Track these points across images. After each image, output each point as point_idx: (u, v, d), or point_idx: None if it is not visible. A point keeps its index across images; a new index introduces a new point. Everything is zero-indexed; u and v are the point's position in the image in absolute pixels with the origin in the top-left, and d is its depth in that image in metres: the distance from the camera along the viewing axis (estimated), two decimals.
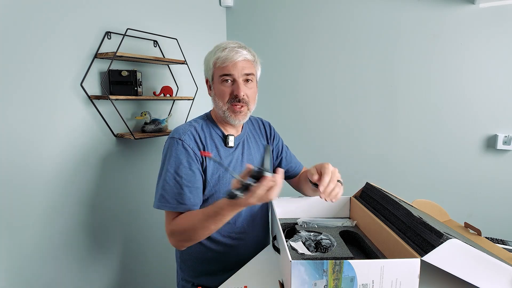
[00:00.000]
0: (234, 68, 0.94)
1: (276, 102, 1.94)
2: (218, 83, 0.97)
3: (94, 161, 1.32)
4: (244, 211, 1.02)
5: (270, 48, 1.92)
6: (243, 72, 0.95)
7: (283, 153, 1.20)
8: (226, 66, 0.94)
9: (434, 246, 0.68)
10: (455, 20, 1.46)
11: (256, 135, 1.15)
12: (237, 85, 0.95)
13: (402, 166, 1.65)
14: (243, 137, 1.08)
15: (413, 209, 0.90)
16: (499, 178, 1.45)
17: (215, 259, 1.03)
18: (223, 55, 0.93)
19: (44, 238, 1.18)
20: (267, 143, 1.17)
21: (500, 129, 1.43)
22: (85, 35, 1.24)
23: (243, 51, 0.95)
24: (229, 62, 0.93)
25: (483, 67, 1.43)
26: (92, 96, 1.27)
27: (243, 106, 0.97)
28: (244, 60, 0.95)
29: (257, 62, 1.02)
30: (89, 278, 1.34)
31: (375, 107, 1.68)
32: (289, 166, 1.21)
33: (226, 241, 1.02)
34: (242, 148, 1.06)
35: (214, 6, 1.93)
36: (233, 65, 0.94)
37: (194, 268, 1.06)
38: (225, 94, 0.96)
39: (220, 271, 1.03)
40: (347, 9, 1.69)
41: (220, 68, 0.95)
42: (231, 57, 0.93)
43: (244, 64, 0.95)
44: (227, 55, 0.93)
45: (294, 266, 0.65)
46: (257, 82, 1.05)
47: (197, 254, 1.04)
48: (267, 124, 1.20)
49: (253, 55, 1.00)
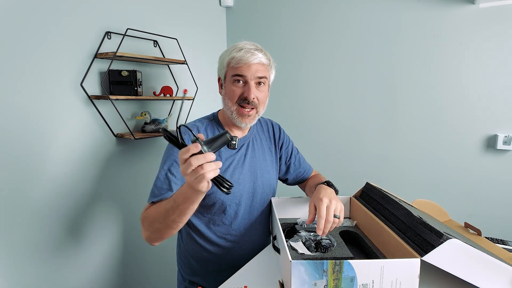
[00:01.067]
0: (248, 70, 0.94)
1: (275, 102, 1.94)
2: (230, 82, 0.96)
3: (94, 161, 1.32)
4: (241, 214, 1.02)
5: (270, 48, 1.89)
6: (256, 75, 0.95)
7: (291, 159, 1.18)
8: (240, 67, 0.94)
9: (434, 246, 0.68)
10: (455, 20, 1.46)
11: (264, 138, 1.13)
12: (249, 87, 0.95)
13: (402, 166, 1.65)
14: (248, 138, 1.07)
15: (413, 209, 0.90)
16: (499, 178, 1.45)
17: (209, 259, 1.03)
18: (238, 56, 0.93)
19: (44, 237, 1.18)
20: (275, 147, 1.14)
21: (500, 129, 1.43)
22: (85, 35, 1.24)
23: (259, 53, 0.95)
24: (243, 64, 0.93)
25: (483, 67, 1.43)
26: (92, 96, 1.27)
27: (252, 109, 0.97)
28: (259, 63, 0.95)
29: (271, 66, 1.02)
30: (89, 277, 1.34)
31: (375, 106, 1.68)
32: (298, 171, 1.19)
33: (221, 243, 1.02)
34: (246, 149, 1.05)
35: (214, 6, 1.93)
36: (247, 66, 0.93)
37: (190, 266, 1.07)
38: (235, 94, 0.96)
39: (215, 272, 1.04)
40: (347, 9, 1.69)
41: (234, 68, 0.95)
42: (246, 59, 0.93)
43: (258, 67, 0.95)
44: (243, 56, 0.93)
45: (294, 266, 0.65)
46: (269, 86, 1.04)
47: (192, 252, 1.05)
48: (276, 126, 1.18)
49: (269, 59, 1.00)
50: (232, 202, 0.99)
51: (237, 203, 1.00)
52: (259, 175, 1.05)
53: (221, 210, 0.99)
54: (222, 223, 1.01)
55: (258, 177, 1.05)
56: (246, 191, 1.02)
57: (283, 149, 1.16)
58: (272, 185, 1.11)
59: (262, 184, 1.06)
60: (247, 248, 1.05)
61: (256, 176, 1.05)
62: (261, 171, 1.07)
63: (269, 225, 1.13)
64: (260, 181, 1.05)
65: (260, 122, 1.16)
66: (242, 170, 1.02)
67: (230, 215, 1.00)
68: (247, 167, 1.03)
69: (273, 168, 1.12)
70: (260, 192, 1.05)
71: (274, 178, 1.13)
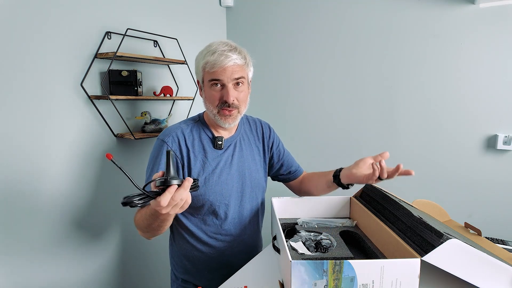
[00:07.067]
0: (223, 73, 0.91)
1: (275, 102, 1.94)
2: (208, 87, 0.95)
3: (94, 161, 1.32)
4: (231, 214, 1.02)
5: (270, 48, 1.92)
6: (233, 77, 0.92)
7: (284, 157, 1.18)
8: (215, 71, 0.91)
9: (434, 246, 0.68)
10: (455, 20, 1.46)
11: (252, 137, 1.12)
12: (227, 91, 0.93)
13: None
14: (236, 138, 1.06)
15: (413, 209, 0.90)
16: (499, 178, 1.45)
17: (201, 258, 1.03)
18: (212, 60, 0.90)
19: (43, 237, 1.18)
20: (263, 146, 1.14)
21: (500, 129, 1.43)
22: (85, 35, 1.24)
23: (233, 55, 0.91)
24: (218, 67, 0.90)
25: (483, 67, 1.43)
26: (92, 96, 1.27)
27: (233, 110, 0.96)
28: (234, 65, 0.92)
29: (248, 64, 0.98)
30: (89, 277, 1.34)
31: (375, 106, 1.68)
32: (290, 169, 1.19)
33: (211, 242, 1.02)
34: (233, 149, 1.04)
35: (214, 6, 1.93)
36: (222, 70, 0.91)
37: (182, 265, 1.07)
38: (214, 98, 0.94)
39: (207, 271, 1.04)
40: (347, 9, 1.69)
41: (209, 73, 0.93)
42: (220, 62, 0.90)
43: (234, 68, 0.92)
44: (216, 59, 0.90)
45: (294, 266, 0.65)
46: (250, 83, 1.03)
47: (183, 251, 1.05)
48: (266, 126, 1.17)
49: (244, 57, 0.96)
50: (221, 202, 0.99)
51: (226, 203, 1.00)
52: (247, 175, 1.05)
53: (210, 211, 1.00)
54: (212, 223, 1.01)
55: (246, 177, 1.05)
56: (235, 191, 1.02)
57: (274, 147, 1.15)
58: (261, 184, 1.11)
59: (251, 183, 1.06)
60: (238, 247, 1.05)
61: (244, 176, 1.04)
62: (250, 171, 1.06)
63: (259, 223, 1.14)
64: (249, 181, 1.05)
65: (248, 121, 1.15)
66: (230, 171, 1.01)
67: (220, 215, 1.00)
68: (235, 167, 1.03)
69: (261, 168, 1.12)
70: (249, 191, 1.06)
71: (262, 177, 1.12)
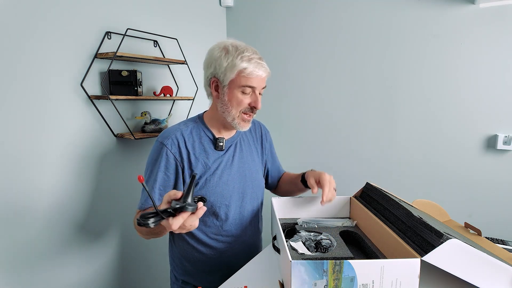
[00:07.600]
0: (259, 82, 0.96)
1: (275, 102, 1.94)
2: (237, 90, 0.96)
3: (94, 161, 1.32)
4: (232, 215, 1.02)
5: (270, 48, 1.92)
6: (262, 86, 0.98)
7: (271, 161, 1.21)
8: (252, 78, 0.94)
9: (434, 246, 0.68)
10: (455, 20, 1.46)
11: (251, 137, 1.13)
12: (257, 98, 0.97)
13: (402, 166, 1.65)
14: (236, 139, 1.07)
15: (413, 209, 0.90)
16: (499, 178, 1.45)
17: (201, 260, 1.03)
18: (250, 67, 0.93)
19: (43, 237, 1.18)
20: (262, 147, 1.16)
21: (500, 129, 1.43)
22: (85, 35, 1.24)
23: (265, 65, 0.97)
24: (256, 76, 0.94)
25: (483, 67, 1.43)
26: (92, 96, 1.27)
27: (252, 115, 1.00)
28: (267, 75, 0.98)
29: None
30: (88, 278, 1.34)
31: (375, 106, 1.68)
32: (273, 174, 1.22)
33: (212, 243, 1.02)
34: (234, 150, 1.05)
35: (214, 6, 1.93)
36: (260, 79, 0.95)
37: (182, 266, 1.07)
38: (243, 103, 0.96)
39: (207, 272, 1.04)
40: (347, 9, 1.69)
41: (245, 79, 0.94)
42: (258, 71, 0.94)
43: (265, 78, 0.98)
44: (255, 68, 0.93)
45: (294, 266, 0.65)
46: None
47: (184, 252, 1.05)
48: (263, 126, 1.20)
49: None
50: (221, 203, 0.99)
51: (227, 204, 1.00)
52: (248, 175, 1.06)
53: (211, 212, 1.00)
54: (213, 224, 1.01)
55: (247, 177, 1.05)
56: (236, 192, 1.02)
57: (266, 149, 1.18)
58: (261, 184, 1.12)
59: (252, 184, 1.06)
60: (239, 248, 1.05)
61: (245, 177, 1.05)
62: (250, 171, 1.07)
63: (260, 224, 1.15)
64: (250, 181, 1.06)
65: None
66: (231, 171, 1.02)
67: (220, 217, 1.00)
68: (235, 168, 1.03)
69: (260, 168, 1.14)
70: (250, 192, 1.06)
71: (262, 178, 1.14)
